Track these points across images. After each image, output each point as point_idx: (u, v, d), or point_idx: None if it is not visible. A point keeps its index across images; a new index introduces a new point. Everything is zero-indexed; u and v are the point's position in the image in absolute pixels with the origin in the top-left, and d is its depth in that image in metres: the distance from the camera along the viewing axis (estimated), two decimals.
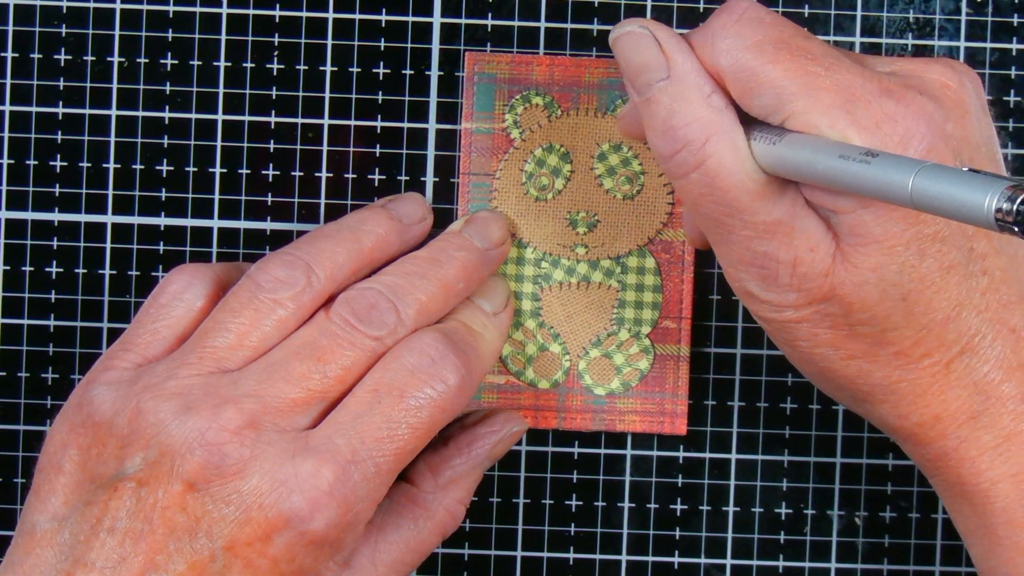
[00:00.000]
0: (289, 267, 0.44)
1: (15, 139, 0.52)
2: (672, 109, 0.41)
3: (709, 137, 0.41)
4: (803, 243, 0.41)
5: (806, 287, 0.41)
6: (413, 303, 0.45)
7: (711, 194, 0.41)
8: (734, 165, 0.41)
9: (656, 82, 0.42)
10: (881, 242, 0.40)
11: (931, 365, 0.42)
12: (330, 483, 0.41)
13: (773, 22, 0.41)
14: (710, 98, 0.41)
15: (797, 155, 0.39)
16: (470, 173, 0.51)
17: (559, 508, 0.53)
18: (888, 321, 0.41)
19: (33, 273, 0.52)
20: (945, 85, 0.41)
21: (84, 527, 0.41)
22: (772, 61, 0.40)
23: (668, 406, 0.52)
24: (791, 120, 0.40)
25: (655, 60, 0.42)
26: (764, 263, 0.41)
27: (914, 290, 0.41)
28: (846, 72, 0.40)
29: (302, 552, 0.41)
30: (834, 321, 0.42)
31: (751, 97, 0.41)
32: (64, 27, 0.51)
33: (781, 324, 0.43)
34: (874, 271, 0.40)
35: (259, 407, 0.42)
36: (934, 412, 0.43)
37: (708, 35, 0.42)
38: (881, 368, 0.42)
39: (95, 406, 0.42)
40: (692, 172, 0.41)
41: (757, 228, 0.41)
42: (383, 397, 0.42)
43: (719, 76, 0.41)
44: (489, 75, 0.51)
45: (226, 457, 0.41)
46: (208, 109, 0.52)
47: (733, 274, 0.43)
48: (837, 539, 0.53)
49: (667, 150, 0.42)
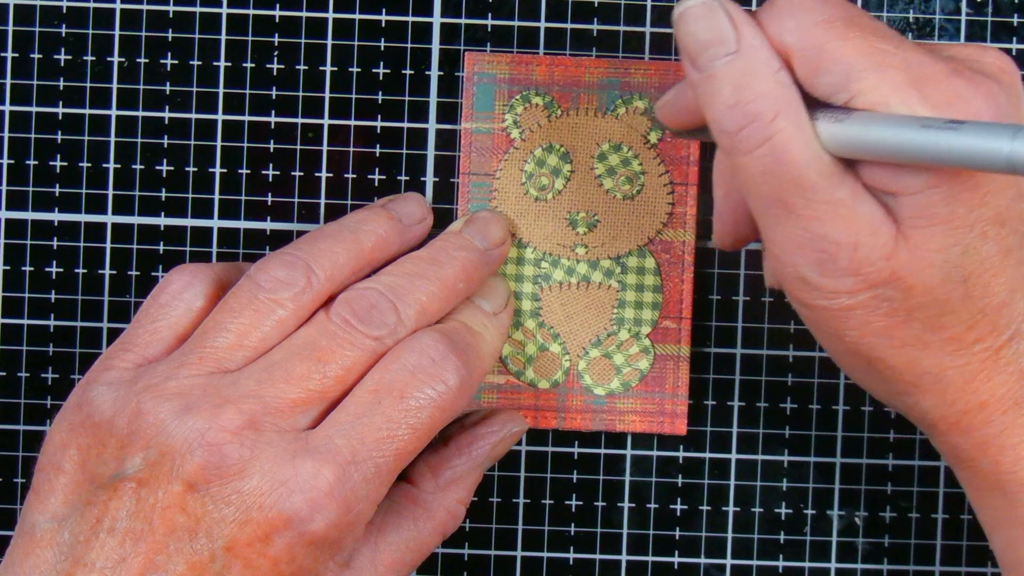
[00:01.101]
0: (289, 267, 0.44)
1: (15, 139, 0.52)
2: (741, 83, 0.41)
3: (779, 112, 0.40)
4: (864, 226, 0.40)
5: (865, 271, 0.40)
6: (413, 303, 0.45)
7: (776, 170, 0.40)
8: (802, 140, 0.40)
9: (722, 57, 0.41)
10: (947, 223, 0.40)
11: (982, 351, 0.42)
12: (330, 484, 0.41)
13: (839, 2, 0.41)
14: (778, 74, 0.40)
15: (868, 131, 0.39)
16: (470, 173, 0.51)
17: (559, 508, 0.53)
18: (947, 304, 0.41)
19: (33, 273, 0.52)
20: (1003, 69, 0.41)
21: (84, 527, 0.41)
22: (841, 37, 0.40)
23: (668, 406, 0.52)
24: (859, 98, 0.39)
25: (725, 33, 0.41)
26: (823, 246, 0.41)
27: (974, 273, 0.41)
28: (914, 51, 0.40)
29: (302, 552, 0.41)
30: (891, 306, 0.41)
31: (818, 75, 0.40)
32: (64, 27, 0.51)
33: (832, 313, 0.42)
34: (939, 252, 0.40)
35: (259, 407, 0.42)
36: (980, 399, 0.42)
37: (774, 12, 0.41)
38: (932, 355, 0.42)
39: (95, 406, 0.42)
40: (759, 148, 0.41)
41: (820, 207, 0.40)
42: (383, 397, 0.43)
43: (785, 54, 0.41)
44: (489, 75, 0.51)
45: (226, 457, 0.41)
46: (208, 109, 0.52)
47: (786, 259, 0.42)
48: (837, 539, 0.53)
49: (734, 125, 0.41)
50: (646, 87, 0.51)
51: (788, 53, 0.41)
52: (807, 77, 0.41)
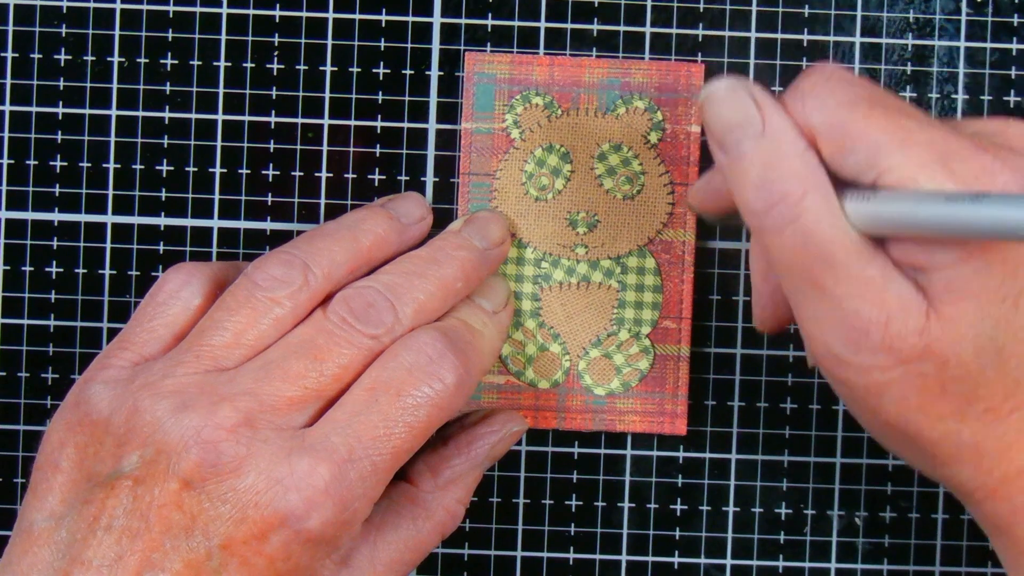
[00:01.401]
0: (286, 266, 0.44)
1: (15, 139, 0.52)
2: (768, 164, 0.41)
3: (807, 191, 0.41)
4: (895, 301, 0.40)
5: (898, 346, 0.41)
6: (411, 302, 0.45)
7: (806, 249, 0.41)
8: (831, 219, 0.40)
9: (749, 138, 0.42)
10: (979, 296, 0.40)
11: (1018, 419, 0.42)
12: (326, 481, 0.41)
13: (862, 82, 0.41)
14: (805, 154, 0.41)
15: (896, 208, 0.39)
16: (470, 173, 0.51)
17: (559, 508, 0.53)
18: (981, 376, 0.41)
19: (33, 273, 0.52)
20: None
21: (81, 525, 0.41)
22: (866, 117, 0.40)
23: (668, 406, 0.52)
24: (886, 175, 0.40)
25: (751, 116, 0.42)
26: (855, 323, 0.41)
27: (1008, 344, 0.41)
28: (939, 128, 0.40)
29: (298, 550, 0.41)
30: (925, 381, 0.41)
31: (844, 154, 0.41)
32: (64, 27, 0.52)
33: (867, 389, 0.42)
34: (972, 325, 0.40)
35: (255, 405, 0.42)
36: (1018, 466, 0.42)
37: (798, 94, 0.42)
38: (969, 426, 0.42)
39: (92, 404, 0.42)
40: (788, 227, 0.41)
41: (851, 285, 0.41)
42: (380, 395, 0.42)
43: (811, 135, 0.41)
44: (489, 75, 0.51)
45: (222, 455, 0.41)
46: (208, 109, 0.52)
47: (818, 337, 0.42)
48: (837, 539, 0.53)
49: (763, 205, 0.41)
50: (646, 87, 0.51)
51: (814, 134, 0.41)
52: (834, 157, 0.41)
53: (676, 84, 0.51)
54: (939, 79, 0.52)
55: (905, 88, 0.52)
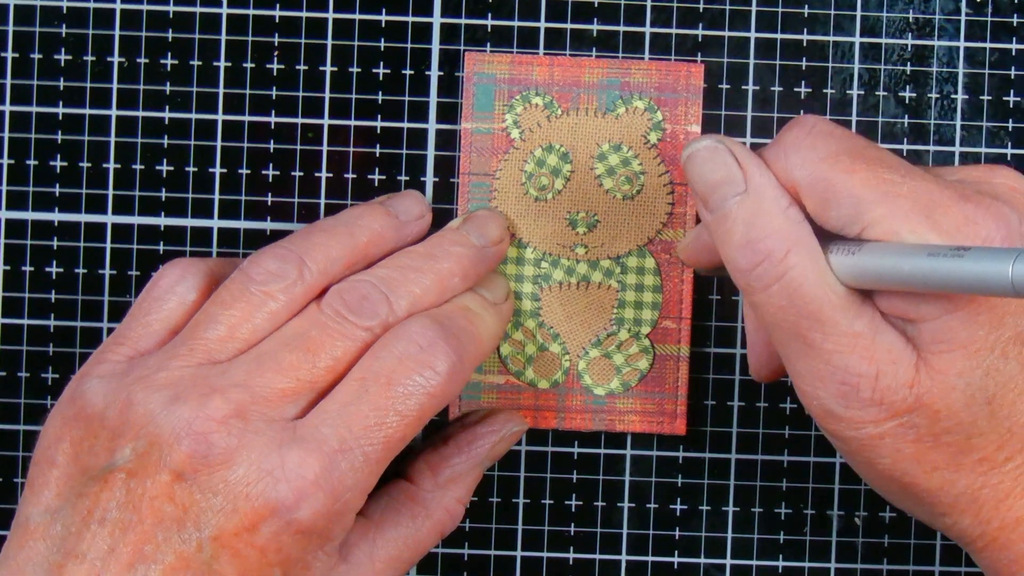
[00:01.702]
0: (281, 260, 0.44)
1: (15, 139, 0.52)
2: (751, 222, 0.42)
3: (790, 248, 0.41)
4: (884, 355, 0.41)
5: (889, 400, 0.41)
6: (406, 295, 0.45)
7: (792, 306, 0.41)
8: (815, 276, 0.41)
9: (732, 197, 0.42)
10: (967, 347, 0.40)
11: (1013, 469, 0.42)
12: (316, 473, 0.41)
13: (844, 134, 0.42)
14: (788, 211, 0.41)
15: (880, 262, 0.39)
16: (470, 173, 0.51)
17: (559, 508, 0.53)
18: (974, 427, 0.41)
19: (33, 273, 0.52)
20: (1014, 189, 0.42)
21: (76, 519, 0.41)
22: (848, 171, 0.41)
23: (668, 406, 0.52)
24: (870, 229, 0.40)
25: (732, 174, 0.42)
26: (845, 378, 0.41)
27: (999, 393, 0.41)
28: (921, 179, 0.40)
29: (289, 542, 0.41)
30: (918, 433, 0.41)
31: (828, 209, 0.41)
32: (64, 27, 0.52)
33: (861, 442, 0.42)
34: (961, 376, 0.40)
35: (247, 397, 0.42)
36: (1016, 515, 0.42)
37: (780, 150, 0.42)
38: (965, 477, 0.42)
39: (87, 399, 0.42)
40: (774, 284, 0.41)
41: (839, 341, 0.41)
42: (370, 385, 0.42)
43: (794, 190, 0.42)
44: (489, 75, 0.51)
45: (213, 446, 0.41)
46: (208, 109, 0.52)
47: (810, 392, 0.42)
48: (837, 539, 0.53)
49: (747, 263, 0.42)
50: (646, 87, 0.51)
51: (797, 189, 0.42)
52: (818, 212, 0.41)
53: (676, 84, 0.51)
54: (939, 79, 0.52)
55: (905, 88, 0.52)
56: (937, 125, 0.52)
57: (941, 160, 0.52)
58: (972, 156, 0.52)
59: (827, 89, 0.52)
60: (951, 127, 0.52)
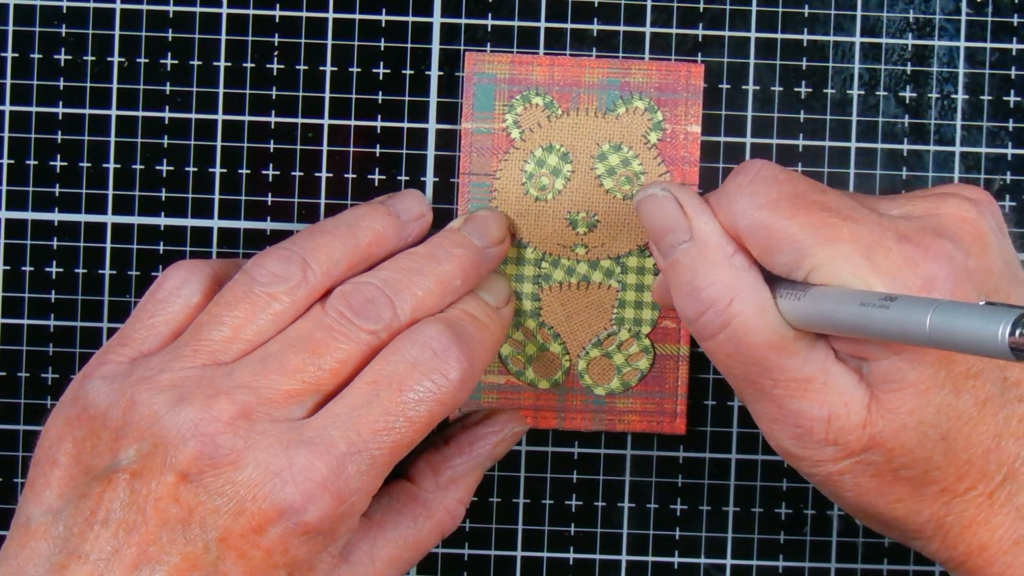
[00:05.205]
0: (285, 262, 0.44)
1: (15, 139, 0.52)
2: (695, 271, 0.42)
3: (733, 297, 0.41)
4: (836, 398, 0.41)
5: (843, 440, 0.41)
6: (409, 298, 0.45)
7: (739, 354, 0.42)
8: (760, 323, 0.41)
9: (679, 244, 0.43)
10: (916, 385, 0.40)
11: (975, 497, 0.42)
12: (323, 475, 0.41)
13: (787, 179, 0.42)
14: (732, 258, 0.42)
15: (822, 307, 0.40)
16: (470, 173, 0.51)
17: (559, 508, 0.53)
18: (930, 462, 0.41)
19: (33, 273, 0.52)
20: (963, 219, 0.42)
21: (78, 519, 0.41)
22: (789, 217, 0.41)
23: (668, 406, 0.52)
24: (814, 273, 0.40)
25: (677, 222, 0.43)
26: (798, 421, 0.42)
27: (953, 428, 0.41)
28: (863, 220, 0.41)
29: (296, 543, 0.41)
30: (876, 469, 0.42)
31: (772, 255, 0.41)
32: (64, 27, 0.52)
33: (823, 478, 0.43)
34: (912, 415, 0.41)
35: (253, 398, 0.41)
36: (981, 541, 0.43)
37: (724, 197, 0.42)
38: (928, 506, 0.43)
39: (90, 399, 0.42)
40: (719, 333, 0.42)
41: (788, 386, 0.41)
42: (382, 390, 0.42)
43: (739, 236, 0.42)
44: (489, 75, 0.51)
45: (219, 448, 0.41)
46: (208, 109, 0.52)
47: (768, 432, 0.43)
48: (837, 539, 0.53)
49: (693, 312, 0.42)
50: (646, 87, 0.51)
51: (740, 236, 0.42)
52: (763, 258, 0.42)
53: (676, 84, 0.51)
54: (939, 79, 0.52)
55: (905, 88, 0.52)
56: (937, 125, 0.52)
57: (942, 160, 0.52)
58: (972, 156, 0.52)
59: (827, 89, 0.52)
60: (951, 127, 0.52)
